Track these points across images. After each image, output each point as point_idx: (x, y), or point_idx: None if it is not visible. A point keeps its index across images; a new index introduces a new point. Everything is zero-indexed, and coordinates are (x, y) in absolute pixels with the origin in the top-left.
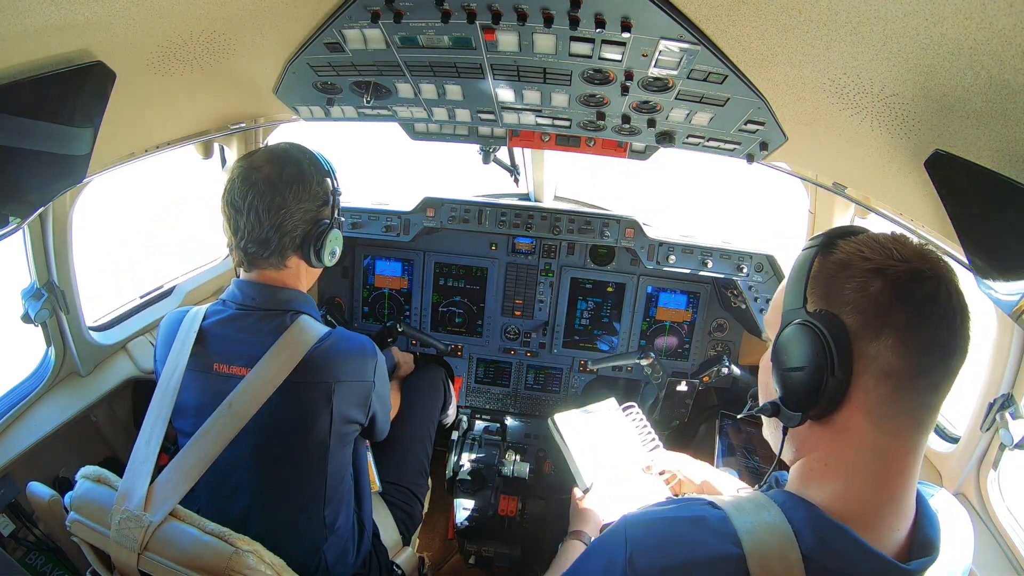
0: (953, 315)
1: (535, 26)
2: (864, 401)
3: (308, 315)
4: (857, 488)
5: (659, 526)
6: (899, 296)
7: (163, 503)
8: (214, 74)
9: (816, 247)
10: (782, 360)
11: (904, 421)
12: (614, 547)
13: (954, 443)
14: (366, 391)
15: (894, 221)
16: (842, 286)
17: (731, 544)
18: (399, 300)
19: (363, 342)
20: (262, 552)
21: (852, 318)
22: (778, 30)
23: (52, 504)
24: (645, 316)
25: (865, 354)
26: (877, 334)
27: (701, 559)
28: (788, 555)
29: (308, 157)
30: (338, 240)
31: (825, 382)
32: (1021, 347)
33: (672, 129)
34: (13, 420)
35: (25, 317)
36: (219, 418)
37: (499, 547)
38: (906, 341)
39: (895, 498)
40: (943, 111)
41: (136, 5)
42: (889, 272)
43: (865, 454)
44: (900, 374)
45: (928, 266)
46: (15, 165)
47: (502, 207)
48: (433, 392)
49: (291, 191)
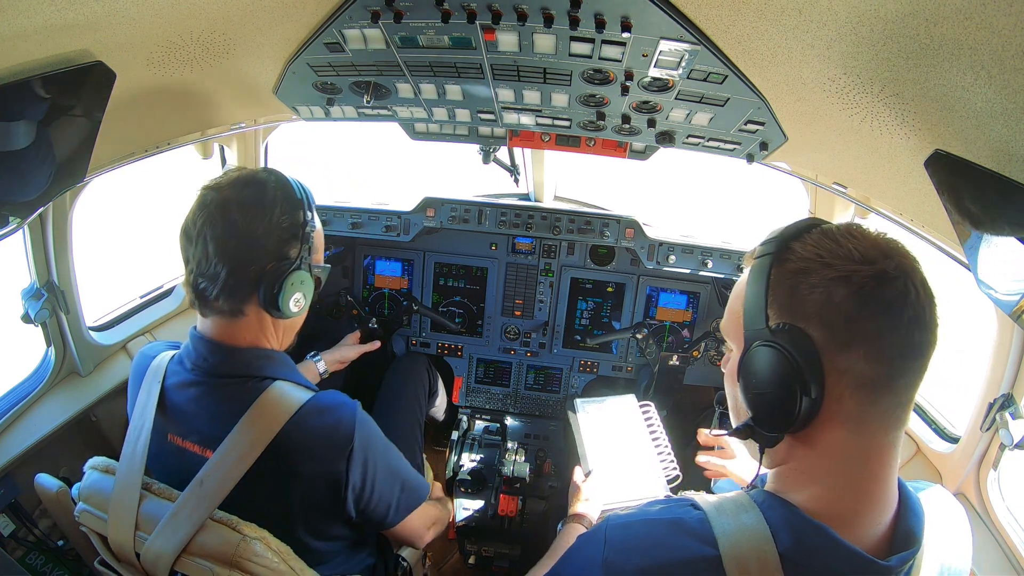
0: (923, 311)
1: (535, 26)
2: (839, 412)
3: (283, 379)
4: (835, 490)
5: (638, 528)
6: (866, 303)
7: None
8: (214, 74)
9: (771, 255)
10: (751, 383)
11: (881, 423)
12: (594, 547)
13: (954, 443)
14: (334, 485)
15: (894, 221)
16: (804, 297)
17: (707, 546)
18: (399, 300)
19: (337, 418)
20: (269, 539)
21: (819, 331)
22: (778, 30)
23: (60, 495)
24: (645, 316)
25: (837, 367)
26: (848, 345)
27: (676, 561)
28: (765, 555)
29: (276, 181)
30: (305, 286)
31: (799, 403)
32: (1021, 347)
33: (672, 129)
34: (13, 420)
35: (25, 317)
36: (190, 496)
37: (499, 547)
38: (879, 349)
39: (874, 495)
40: (943, 111)
41: (136, 5)
42: (854, 279)
43: (842, 459)
44: (875, 381)
45: (893, 265)
46: (15, 165)
47: (502, 207)
48: (417, 380)
49: (246, 217)
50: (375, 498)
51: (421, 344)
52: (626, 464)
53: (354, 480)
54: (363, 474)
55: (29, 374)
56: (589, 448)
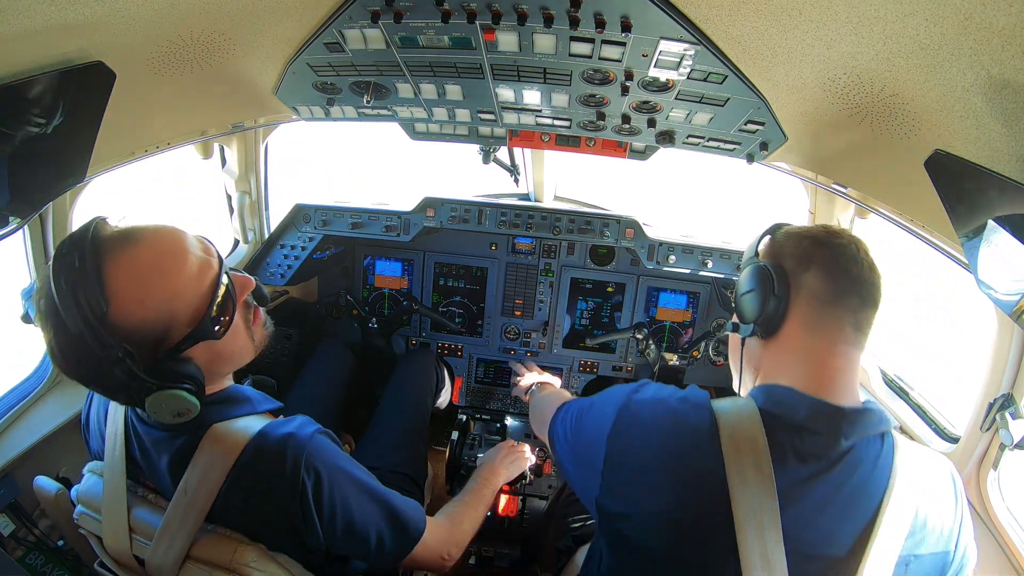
0: (861, 261)
1: (535, 26)
2: (799, 316)
3: (225, 418)
4: (800, 377)
5: (655, 397)
6: (820, 245)
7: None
8: (214, 74)
9: (767, 230)
10: (739, 289)
11: (833, 331)
12: (621, 392)
13: (954, 443)
14: (293, 530)
15: (894, 221)
16: (782, 248)
17: (706, 412)
18: (399, 300)
19: (279, 457)
20: (263, 548)
21: (789, 262)
22: (778, 30)
23: (59, 498)
24: (645, 316)
25: (798, 282)
26: (806, 268)
27: (676, 401)
28: (749, 414)
29: (57, 316)
30: (175, 401)
31: (768, 299)
32: (1021, 347)
33: (672, 129)
34: (13, 420)
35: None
36: (176, 506)
37: (499, 547)
38: (826, 271)
39: (834, 379)
40: (943, 111)
41: (136, 5)
42: (811, 235)
43: (803, 353)
44: (825, 295)
45: (843, 234)
46: (15, 165)
47: (502, 207)
48: (424, 376)
49: (66, 358)
50: (353, 531)
51: (421, 344)
52: None
53: (311, 520)
54: (324, 511)
55: (29, 374)
56: None
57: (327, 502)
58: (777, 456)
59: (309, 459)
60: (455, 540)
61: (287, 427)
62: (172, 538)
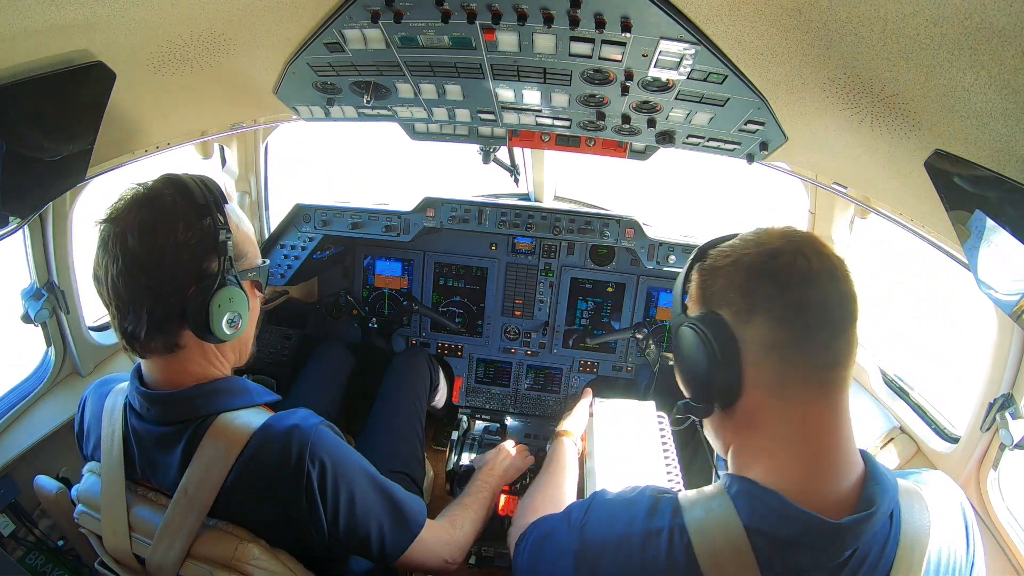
0: (818, 275)
1: (535, 26)
2: (759, 378)
3: (227, 410)
4: (781, 459)
5: (609, 534)
6: (757, 277)
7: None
8: (214, 74)
9: (692, 261)
10: (677, 364)
11: (804, 386)
12: (565, 528)
13: (954, 443)
14: (296, 522)
15: (894, 221)
16: (712, 288)
17: (678, 537)
18: (399, 300)
19: (285, 446)
20: (265, 544)
21: (727, 311)
22: (778, 30)
23: (59, 497)
24: (645, 316)
25: (744, 337)
26: (750, 315)
27: (639, 534)
28: (732, 532)
29: (173, 190)
30: (236, 302)
31: (713, 371)
32: (1021, 347)
33: (672, 129)
34: (13, 420)
35: (25, 317)
36: (178, 504)
37: (499, 547)
38: (774, 313)
39: (822, 458)
40: (943, 111)
41: (136, 5)
42: (745, 260)
43: (778, 427)
44: (780, 344)
45: (784, 243)
46: (15, 165)
47: (502, 207)
48: (417, 375)
49: (147, 246)
50: (356, 522)
51: (421, 344)
52: (631, 464)
53: (316, 510)
54: (328, 500)
55: (29, 374)
56: (598, 444)
57: (331, 491)
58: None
59: (314, 448)
60: (456, 543)
61: (291, 419)
62: (173, 536)
